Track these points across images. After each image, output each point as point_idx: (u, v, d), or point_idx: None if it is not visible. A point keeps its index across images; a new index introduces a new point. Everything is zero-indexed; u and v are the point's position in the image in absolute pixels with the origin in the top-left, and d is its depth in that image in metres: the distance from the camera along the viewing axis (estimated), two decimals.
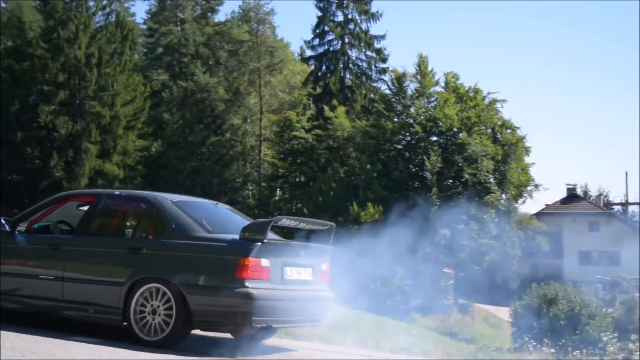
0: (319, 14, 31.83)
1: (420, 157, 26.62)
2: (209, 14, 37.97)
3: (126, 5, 41.14)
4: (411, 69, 27.64)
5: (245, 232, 3.93)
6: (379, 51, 32.45)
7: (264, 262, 3.85)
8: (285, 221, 4.16)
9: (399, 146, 27.68)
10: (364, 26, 32.18)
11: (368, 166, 23.36)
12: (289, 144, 28.72)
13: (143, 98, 33.21)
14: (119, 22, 32.21)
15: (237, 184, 29.87)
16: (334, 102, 30.26)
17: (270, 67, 31.90)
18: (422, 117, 27.33)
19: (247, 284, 3.72)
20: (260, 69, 31.03)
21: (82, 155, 29.23)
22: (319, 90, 31.35)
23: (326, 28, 32.07)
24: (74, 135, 30.09)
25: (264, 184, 29.67)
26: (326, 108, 29.17)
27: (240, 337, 4.24)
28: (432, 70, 28.21)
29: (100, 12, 32.56)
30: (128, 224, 4.63)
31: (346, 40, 31.79)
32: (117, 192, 5.19)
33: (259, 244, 3.81)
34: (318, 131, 28.73)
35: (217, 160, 30.69)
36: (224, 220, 4.35)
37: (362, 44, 32.05)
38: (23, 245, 4.38)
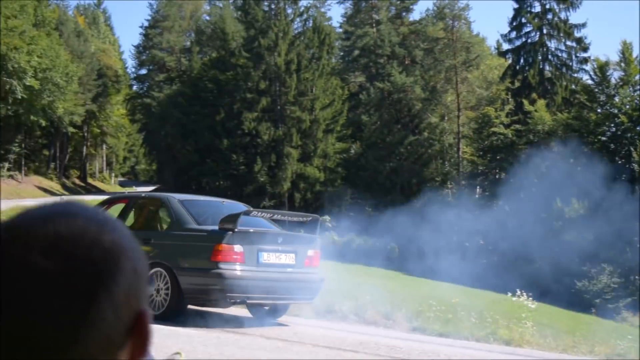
0: (516, 6, 47.02)
1: (626, 148, 38.42)
2: (404, 14, 55.08)
3: (322, 10, 61.67)
4: (614, 57, 40.90)
5: (221, 223, 8.53)
6: (579, 40, 46.18)
7: (237, 247, 8.42)
8: (257, 213, 9.01)
9: (604, 138, 40.21)
10: (562, 15, 46.32)
11: (571, 160, 35.38)
12: (488, 140, 43.98)
13: (341, 101, 49.99)
14: (316, 27, 50.94)
15: (436, 182, 45.82)
16: (534, 95, 43.96)
17: (467, 63, 47.08)
18: (627, 107, 38.90)
19: (221, 266, 8.41)
20: (456, 66, 46.23)
21: (284, 159, 47.97)
22: (517, 84, 45.90)
23: (523, 20, 46.96)
24: (276, 141, 48.77)
25: (463, 182, 44.67)
26: (525, 102, 42.80)
27: (257, 314, 9.79)
28: (637, 57, 39.99)
29: (298, 19, 52.11)
30: (147, 219, 10.21)
31: (544, 31, 46.38)
32: (142, 194, 11.95)
33: (230, 232, 8.34)
34: (517, 126, 42.91)
35: (416, 160, 47.01)
36: (222, 214, 8.94)
37: (562, 34, 46.23)
38: None
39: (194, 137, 54.61)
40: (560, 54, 46.37)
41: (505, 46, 48.03)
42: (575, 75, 45.90)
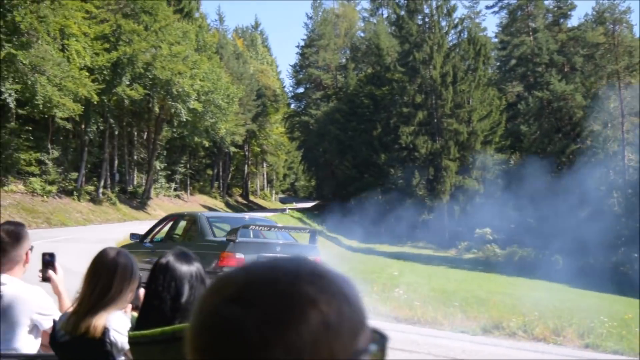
0: None
1: None
2: (561, 20, 56.41)
3: (477, 20, 64.70)
4: None
5: (227, 235, 11.14)
6: None
7: (239, 255, 10.61)
8: (253, 227, 11.70)
9: None
10: None
11: None
12: None
13: (499, 112, 51.67)
14: (471, 38, 53.04)
15: (600, 191, 45.98)
16: None
17: (630, 68, 47.49)
18: None
19: (224, 270, 9.33)
20: (619, 71, 46.66)
21: (443, 172, 50.16)
22: None
23: None
24: (434, 154, 51.07)
25: (630, 190, 45.12)
26: None
27: None
28: None
29: (452, 31, 54.36)
30: (187, 232, 12.72)
31: None
32: (185, 213, 14.26)
33: (232, 243, 10.68)
34: None
35: (578, 169, 46.25)
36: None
37: None
38: (143, 249, 12.45)
39: (352, 152, 58.03)
40: None
41: None
42: None
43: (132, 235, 14.38)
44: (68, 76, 35.32)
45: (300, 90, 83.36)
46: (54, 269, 3.95)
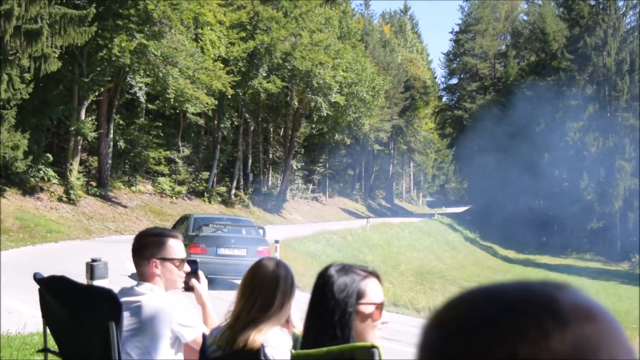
0: None
1: None
2: None
3: None
4: None
5: (195, 231, 17.53)
6: None
7: (202, 245, 17.19)
8: (211, 225, 18.29)
9: None
10: None
11: None
12: None
13: None
14: None
15: None
16: None
17: None
18: None
19: (192, 256, 14.96)
20: None
21: (616, 174, 48.81)
22: None
23: None
24: (606, 153, 49.77)
25: None
26: None
27: None
28: None
29: (630, 12, 52.33)
30: (184, 229, 18.58)
31: None
32: (187, 214, 20.91)
33: (197, 236, 17.25)
34: None
35: None
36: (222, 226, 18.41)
37: None
38: None
39: (510, 151, 56.78)
40: None
41: None
42: None
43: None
44: (201, 68, 36.43)
45: (454, 81, 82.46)
46: (197, 278, 4.05)
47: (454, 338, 0.82)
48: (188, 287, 4.01)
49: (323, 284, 2.71)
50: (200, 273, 4.07)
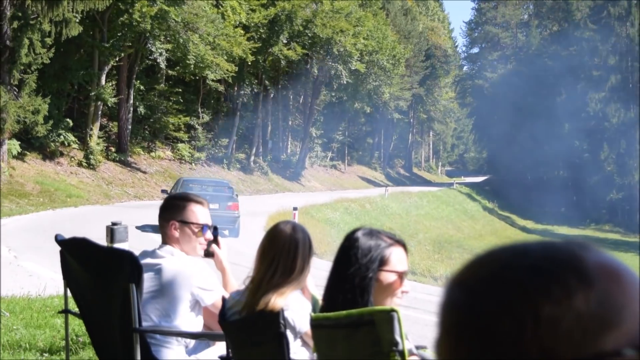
0: None
1: None
2: None
3: None
4: None
5: (180, 190, 20.12)
6: None
7: None
8: (193, 185, 22.23)
9: None
10: None
11: None
12: None
13: None
14: None
15: None
16: None
17: None
18: None
19: None
20: None
21: (637, 145, 48.00)
22: None
23: None
24: (627, 124, 49.01)
25: None
26: None
27: None
28: None
29: None
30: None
31: None
32: (182, 177, 24.76)
33: (174, 192, 20.00)
34: None
35: None
36: (206, 186, 22.43)
37: None
38: None
39: (531, 121, 56.46)
40: None
41: None
42: None
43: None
44: (222, 34, 36.35)
45: (475, 50, 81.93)
46: (218, 244, 4.01)
47: (478, 296, 0.82)
48: (208, 253, 3.98)
49: (349, 247, 2.70)
50: (221, 239, 4.02)
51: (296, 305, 3.11)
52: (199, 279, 3.77)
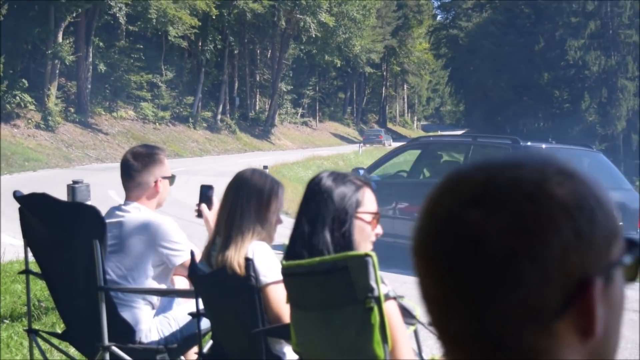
0: None
1: None
2: None
3: None
4: None
5: None
6: None
7: None
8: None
9: None
10: None
11: None
12: None
13: None
14: None
15: None
16: None
17: None
18: None
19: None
20: None
21: (618, 94, 47.98)
22: None
23: None
24: (608, 72, 48.78)
25: None
26: None
27: None
28: None
29: None
30: None
31: None
32: None
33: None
34: None
35: None
36: None
37: None
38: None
39: (508, 71, 56.23)
40: None
41: None
42: None
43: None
44: None
45: None
46: (210, 205, 3.88)
47: (518, 216, 0.80)
48: (200, 214, 3.87)
49: (318, 191, 2.70)
50: (215, 200, 3.87)
51: (262, 254, 3.07)
52: (165, 237, 3.72)
